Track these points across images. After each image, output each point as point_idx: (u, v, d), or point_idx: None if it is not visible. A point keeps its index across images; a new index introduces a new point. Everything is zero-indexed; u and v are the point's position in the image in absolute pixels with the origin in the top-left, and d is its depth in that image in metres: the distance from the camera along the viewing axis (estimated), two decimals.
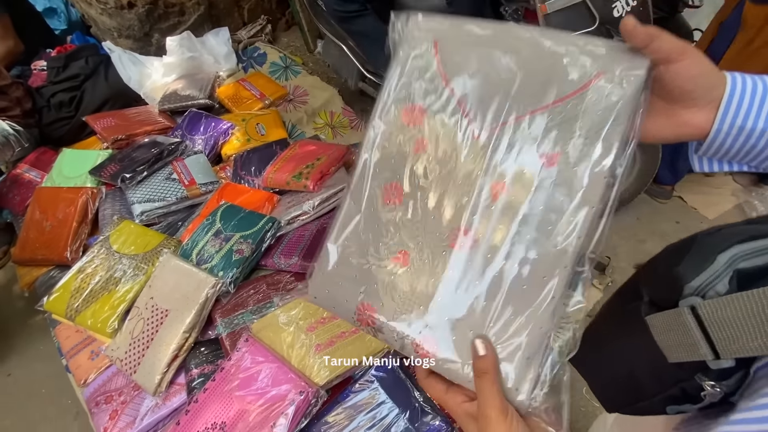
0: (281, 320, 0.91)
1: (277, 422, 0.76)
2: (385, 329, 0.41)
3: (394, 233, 0.41)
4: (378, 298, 0.41)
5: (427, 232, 0.39)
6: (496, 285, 0.37)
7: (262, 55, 1.86)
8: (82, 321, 0.97)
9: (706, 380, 0.36)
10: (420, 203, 0.40)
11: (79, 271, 1.03)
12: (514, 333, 0.37)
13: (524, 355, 0.37)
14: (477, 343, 0.37)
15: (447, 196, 0.39)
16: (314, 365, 0.83)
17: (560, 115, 0.37)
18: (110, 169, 1.24)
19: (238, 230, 1.06)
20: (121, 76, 1.56)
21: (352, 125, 1.63)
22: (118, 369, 0.94)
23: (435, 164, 0.40)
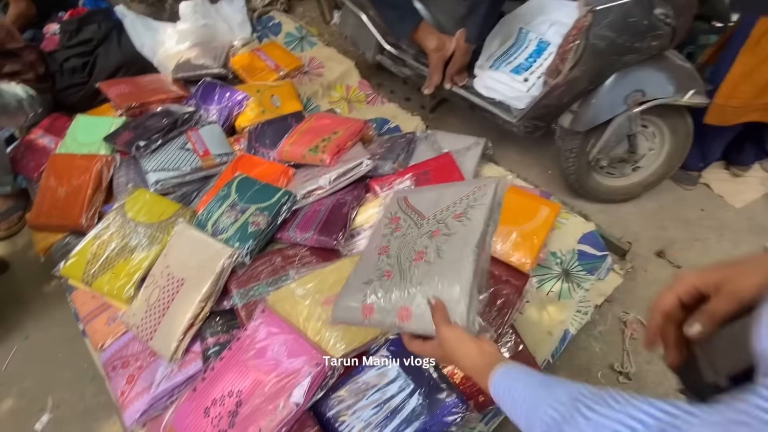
0: (298, 293, 0.90)
1: (292, 393, 0.76)
2: (378, 311, 0.64)
3: (386, 261, 0.70)
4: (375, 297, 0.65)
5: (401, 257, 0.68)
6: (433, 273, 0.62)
7: (277, 24, 1.80)
8: (99, 287, 0.98)
9: None
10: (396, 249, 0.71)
11: (95, 238, 1.03)
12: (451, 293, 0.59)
13: (459, 302, 0.58)
14: (430, 299, 0.59)
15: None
16: (330, 338, 0.82)
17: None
18: (125, 137, 1.22)
19: (253, 202, 1.05)
20: (134, 42, 1.52)
21: (369, 100, 1.59)
22: (134, 335, 0.95)
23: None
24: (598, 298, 1.03)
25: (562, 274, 1.05)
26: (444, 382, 0.80)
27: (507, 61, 1.28)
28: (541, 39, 1.28)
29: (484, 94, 1.30)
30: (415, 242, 0.67)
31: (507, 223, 1.03)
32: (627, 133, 1.14)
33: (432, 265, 0.62)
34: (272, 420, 0.74)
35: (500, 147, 1.50)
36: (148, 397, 0.87)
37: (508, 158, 1.50)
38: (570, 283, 1.04)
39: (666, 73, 1.03)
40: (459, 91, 1.35)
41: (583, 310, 1.01)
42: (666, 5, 0.86)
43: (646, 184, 1.26)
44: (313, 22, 2.07)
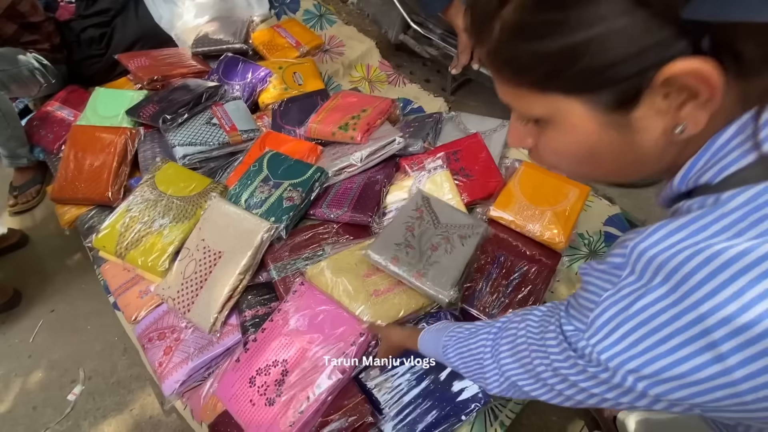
0: (335, 267, 0.91)
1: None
2: (402, 266, 0.86)
3: (411, 237, 0.91)
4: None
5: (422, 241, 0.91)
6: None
7: (294, 1, 1.76)
8: (133, 259, 0.97)
9: None
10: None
11: (126, 210, 1.02)
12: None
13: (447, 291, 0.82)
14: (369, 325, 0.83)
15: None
16: (367, 312, 0.83)
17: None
18: (149, 110, 1.20)
19: (286, 178, 1.05)
20: (152, 14, 1.48)
21: (390, 80, 1.57)
22: (169, 308, 0.95)
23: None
24: None
25: (590, 254, 1.07)
26: None
27: None
28: None
29: None
30: (433, 236, 0.91)
31: (540, 203, 1.04)
32: None
33: (440, 258, 0.87)
34: (319, 387, 0.76)
35: None
36: (186, 368, 0.88)
37: None
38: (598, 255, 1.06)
39: None
40: (487, 72, 1.34)
41: None
42: None
43: None
44: (330, 0, 2.03)
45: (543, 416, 0.96)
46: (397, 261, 0.86)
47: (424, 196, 0.99)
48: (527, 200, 1.05)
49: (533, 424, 0.94)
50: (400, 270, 0.85)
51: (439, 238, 0.91)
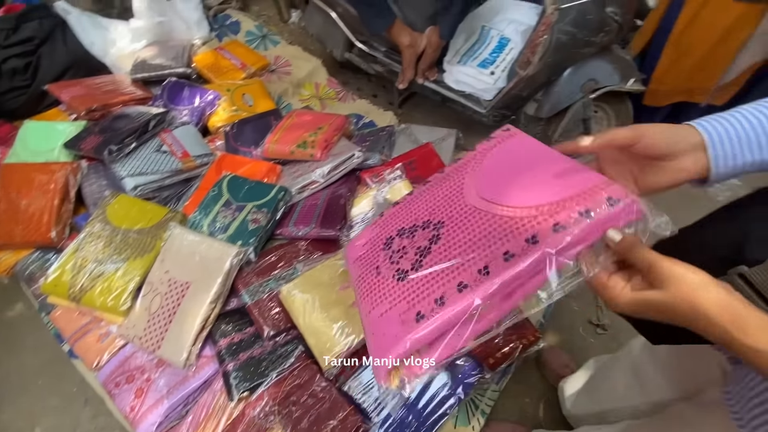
0: (310, 283, 0.92)
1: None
2: None
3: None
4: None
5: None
6: None
7: (235, 23, 1.76)
8: (89, 302, 0.91)
9: None
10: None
11: (76, 250, 0.96)
12: None
13: None
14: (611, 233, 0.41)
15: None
16: (351, 323, 0.85)
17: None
18: (91, 142, 1.14)
19: (249, 200, 1.04)
20: (82, 41, 1.40)
21: (339, 97, 1.61)
22: (136, 347, 0.90)
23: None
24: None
25: None
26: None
27: (473, 57, 1.38)
28: (501, 35, 1.40)
29: (454, 87, 1.39)
30: None
31: None
32: (582, 117, 1.29)
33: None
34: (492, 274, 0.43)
35: (468, 136, 1.60)
36: (162, 408, 0.84)
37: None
38: None
39: (613, 64, 1.20)
40: (431, 85, 1.43)
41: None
42: (614, 4, 1.00)
43: None
44: (270, 20, 2.04)
45: (517, 399, 1.03)
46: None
47: (390, 205, 1.03)
48: None
49: (509, 408, 1.01)
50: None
51: None
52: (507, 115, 1.35)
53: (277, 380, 0.83)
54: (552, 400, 1.01)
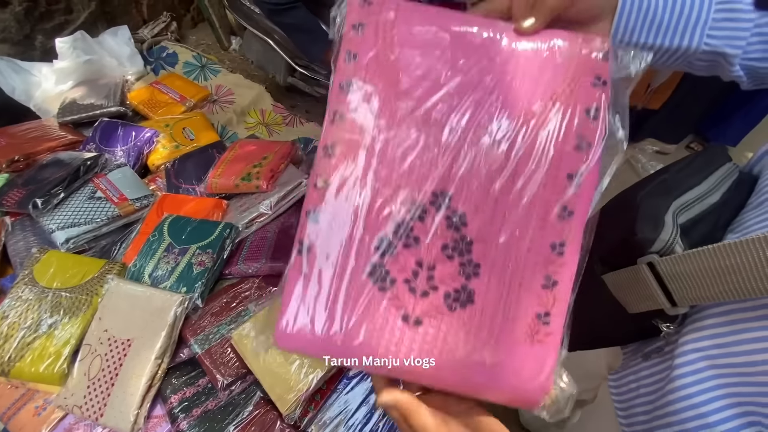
0: (264, 324, 0.87)
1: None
2: None
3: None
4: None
5: None
6: None
7: (172, 54, 1.70)
8: (20, 373, 0.83)
9: (662, 323, 0.42)
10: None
11: (1, 319, 0.87)
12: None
13: None
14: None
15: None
16: (309, 363, 0.82)
17: None
18: (13, 196, 1.05)
19: (192, 242, 0.99)
20: (2, 87, 1.31)
21: (287, 122, 1.59)
22: (77, 417, 0.83)
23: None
24: None
25: None
26: None
27: None
28: None
29: None
30: None
31: None
32: None
33: None
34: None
35: None
36: None
37: None
38: None
39: None
40: None
41: None
42: None
43: None
44: (209, 49, 1.99)
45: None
46: None
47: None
48: None
49: None
50: None
51: None
52: None
53: None
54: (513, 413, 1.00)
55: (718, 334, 0.38)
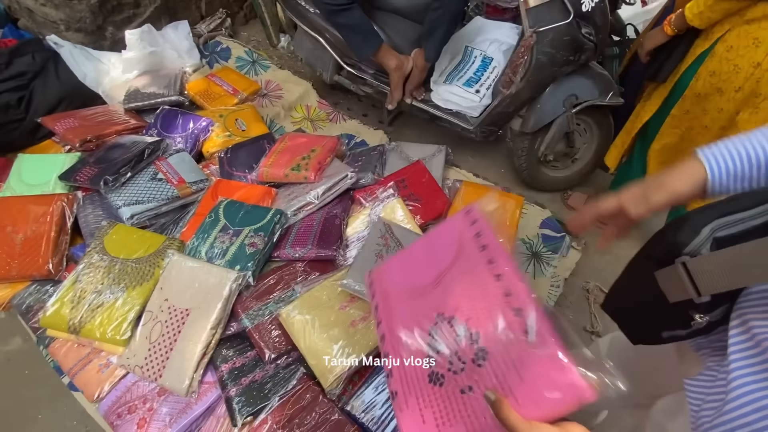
0: (309, 304, 0.93)
1: None
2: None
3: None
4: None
5: None
6: None
7: (225, 49, 1.80)
8: (89, 333, 0.91)
9: (695, 312, 0.51)
10: None
11: (74, 282, 0.96)
12: None
13: None
14: (488, 395, 0.45)
15: None
16: (350, 342, 0.87)
17: None
18: (86, 173, 1.15)
19: (246, 224, 1.06)
20: (75, 73, 1.43)
21: (330, 118, 1.65)
22: (138, 377, 0.90)
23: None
24: (565, 272, 1.20)
25: (533, 257, 1.21)
26: None
27: (458, 76, 1.43)
28: (484, 55, 1.45)
29: (441, 106, 1.44)
30: None
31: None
32: (566, 130, 1.34)
33: None
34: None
35: (457, 152, 1.65)
36: None
37: (465, 162, 1.65)
38: (540, 263, 1.20)
39: (592, 80, 1.25)
40: (419, 105, 1.47)
41: (555, 284, 1.17)
42: (588, 26, 1.05)
43: (583, 173, 1.49)
44: (259, 45, 2.09)
45: None
46: None
47: (386, 223, 1.05)
48: None
49: None
50: None
51: None
52: (494, 131, 1.39)
53: (280, 403, 0.84)
54: None
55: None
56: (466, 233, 0.57)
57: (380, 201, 1.18)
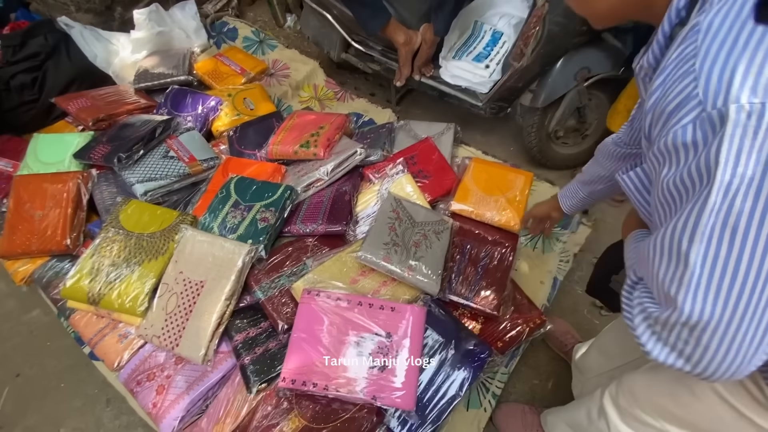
0: (322, 277, 0.95)
1: None
2: (394, 263, 0.93)
3: (395, 237, 0.98)
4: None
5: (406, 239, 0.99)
6: None
7: (232, 29, 1.79)
8: (108, 304, 0.94)
9: None
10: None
11: (92, 255, 0.99)
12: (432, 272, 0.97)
13: (435, 279, 0.95)
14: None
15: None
16: None
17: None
18: (99, 151, 1.17)
19: (257, 200, 1.07)
20: (85, 53, 1.44)
21: (338, 97, 1.64)
22: (155, 346, 0.93)
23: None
24: (574, 247, 1.19)
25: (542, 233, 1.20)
26: (468, 334, 0.90)
27: (468, 51, 1.41)
28: (494, 29, 1.42)
29: (450, 82, 1.42)
30: (414, 234, 0.99)
31: (493, 192, 1.15)
32: (577, 105, 1.32)
33: (424, 253, 0.95)
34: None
35: (466, 130, 1.63)
36: (184, 402, 0.87)
37: (474, 139, 1.63)
38: (550, 239, 1.19)
39: (604, 52, 1.22)
40: (428, 81, 1.46)
41: (564, 259, 1.17)
42: None
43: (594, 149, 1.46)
44: (266, 26, 2.07)
45: (527, 381, 1.05)
46: (390, 259, 0.92)
47: (396, 198, 1.06)
48: (482, 191, 1.16)
49: (519, 390, 1.04)
50: (393, 266, 0.91)
51: (419, 236, 0.99)
52: (503, 107, 1.37)
53: None
54: (561, 381, 1.03)
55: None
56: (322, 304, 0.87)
57: (389, 177, 1.18)
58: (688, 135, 0.34)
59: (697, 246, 0.34)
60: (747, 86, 0.31)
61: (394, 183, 1.16)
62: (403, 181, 1.16)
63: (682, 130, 0.35)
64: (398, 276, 0.91)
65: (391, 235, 0.97)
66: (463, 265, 1.02)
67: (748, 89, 0.31)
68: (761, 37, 0.31)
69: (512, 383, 1.03)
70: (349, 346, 0.83)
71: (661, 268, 0.38)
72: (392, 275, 0.92)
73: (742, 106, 0.31)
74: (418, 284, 0.91)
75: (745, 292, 0.34)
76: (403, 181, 1.16)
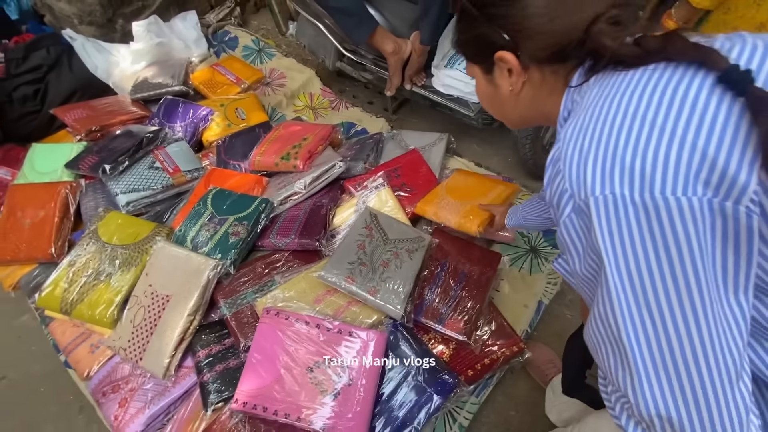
0: (285, 296, 0.93)
1: None
2: (356, 284, 0.90)
3: (363, 255, 0.95)
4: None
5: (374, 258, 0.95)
6: None
7: (233, 39, 1.81)
8: (79, 314, 0.96)
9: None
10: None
11: (69, 265, 1.01)
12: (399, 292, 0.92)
13: (401, 299, 0.91)
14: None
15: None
16: None
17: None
18: (88, 161, 1.20)
19: (231, 213, 1.06)
20: (87, 65, 1.49)
21: (333, 106, 1.63)
22: (121, 358, 0.94)
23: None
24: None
25: (531, 251, 1.14)
26: (435, 361, 0.86)
27: (460, 60, 1.36)
28: None
29: (442, 91, 1.37)
30: (383, 253, 0.96)
31: (463, 198, 1.08)
32: None
33: (393, 273, 0.92)
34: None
35: (462, 141, 1.58)
36: (144, 417, 0.87)
37: (470, 150, 1.58)
38: (538, 258, 1.12)
39: None
40: (419, 91, 1.42)
41: (552, 282, 1.10)
42: None
43: None
44: (269, 34, 2.08)
45: (502, 412, 0.99)
46: (352, 279, 0.89)
47: (372, 212, 1.03)
48: (451, 197, 1.09)
49: (493, 422, 0.98)
50: (355, 287, 0.88)
51: (390, 254, 0.95)
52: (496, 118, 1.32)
53: None
54: (539, 412, 0.97)
55: None
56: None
57: (369, 191, 1.15)
58: (575, 224, 0.38)
59: (622, 325, 0.35)
60: (597, 180, 0.34)
61: (374, 197, 1.13)
62: (383, 194, 1.13)
63: (568, 220, 0.38)
64: (361, 298, 0.88)
65: (359, 254, 0.93)
66: (438, 285, 0.98)
67: (598, 183, 0.34)
68: (606, 137, 0.35)
69: (486, 413, 0.97)
70: (304, 371, 0.81)
71: (610, 360, 0.38)
72: (355, 297, 0.89)
73: (597, 198, 0.34)
74: (380, 308, 0.87)
75: (692, 370, 0.33)
76: (382, 195, 1.13)
